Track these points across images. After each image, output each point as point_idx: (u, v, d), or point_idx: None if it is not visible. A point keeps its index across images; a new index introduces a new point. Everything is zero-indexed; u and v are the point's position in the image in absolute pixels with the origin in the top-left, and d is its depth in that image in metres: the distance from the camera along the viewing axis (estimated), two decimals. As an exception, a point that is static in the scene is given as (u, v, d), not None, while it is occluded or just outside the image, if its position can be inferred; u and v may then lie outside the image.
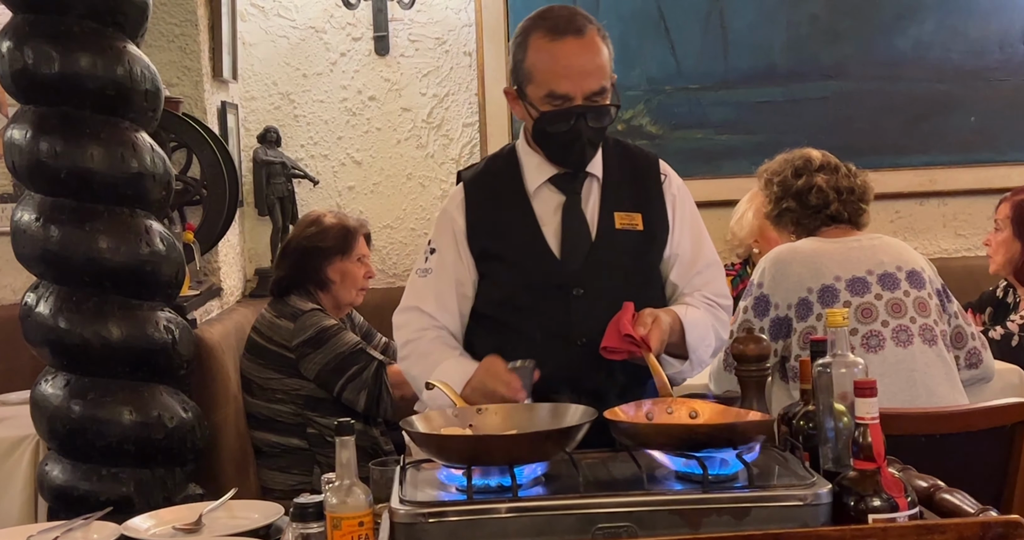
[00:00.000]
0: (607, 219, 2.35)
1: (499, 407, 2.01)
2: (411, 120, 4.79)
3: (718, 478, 1.75)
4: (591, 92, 2.24)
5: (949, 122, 4.84)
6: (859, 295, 2.90)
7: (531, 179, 2.38)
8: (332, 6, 4.67)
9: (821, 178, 3.06)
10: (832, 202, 3.04)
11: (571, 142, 2.28)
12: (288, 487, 3.51)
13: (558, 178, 2.37)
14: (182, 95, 3.91)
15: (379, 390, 3.46)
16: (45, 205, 2.88)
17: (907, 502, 1.67)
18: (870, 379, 1.72)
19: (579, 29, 2.25)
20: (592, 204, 2.37)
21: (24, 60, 2.83)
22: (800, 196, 3.06)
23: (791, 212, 3.08)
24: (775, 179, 3.11)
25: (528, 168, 2.39)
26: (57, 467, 2.95)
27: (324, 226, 3.68)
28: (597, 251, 2.33)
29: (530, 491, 1.76)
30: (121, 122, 2.91)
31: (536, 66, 2.25)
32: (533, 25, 2.29)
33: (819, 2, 4.80)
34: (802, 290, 2.92)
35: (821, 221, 3.06)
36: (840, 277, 2.92)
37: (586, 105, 2.24)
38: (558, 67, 2.23)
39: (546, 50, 2.24)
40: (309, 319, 3.52)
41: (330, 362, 3.47)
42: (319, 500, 1.76)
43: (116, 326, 2.87)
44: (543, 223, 2.35)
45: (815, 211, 3.05)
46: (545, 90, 2.24)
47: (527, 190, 2.37)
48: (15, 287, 4.19)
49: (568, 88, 2.23)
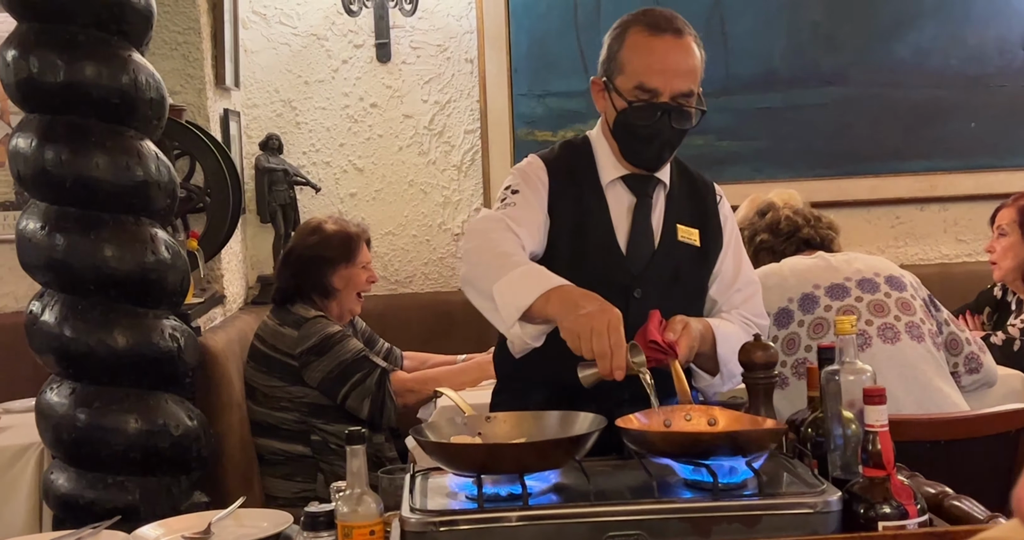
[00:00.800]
0: (670, 229, 2.35)
1: (508, 415, 2.02)
2: (413, 127, 4.80)
3: (727, 486, 1.76)
4: (679, 92, 2.25)
5: (949, 128, 4.85)
6: (839, 299, 2.92)
7: (605, 172, 2.36)
8: (334, 13, 4.68)
9: (787, 211, 3.20)
10: (803, 227, 3.15)
11: (651, 138, 2.28)
12: (292, 495, 3.52)
13: (631, 178, 2.36)
14: (185, 103, 3.92)
15: (382, 398, 3.46)
16: (50, 213, 2.88)
17: (917, 509, 1.67)
18: (879, 387, 1.72)
19: (678, 30, 2.28)
20: (658, 211, 2.37)
21: (29, 69, 2.84)
22: (771, 228, 3.18)
23: (765, 244, 3.17)
24: (743, 226, 3.14)
25: (602, 161, 2.37)
26: (62, 475, 2.95)
27: (326, 234, 3.68)
28: (659, 258, 2.33)
29: (540, 499, 1.76)
30: (126, 130, 2.91)
31: (630, 58, 2.27)
32: (634, 19, 2.32)
33: (819, 9, 4.81)
34: (782, 300, 2.94)
35: (796, 246, 3.14)
36: (819, 285, 2.95)
37: (672, 103, 2.25)
38: (653, 61, 2.24)
39: (643, 43, 2.26)
40: (313, 326, 3.52)
41: (333, 370, 3.47)
42: (330, 509, 1.76)
43: (122, 334, 2.87)
44: (614, 221, 2.34)
45: (788, 236, 3.15)
46: (635, 82, 2.25)
47: (601, 184, 2.36)
48: (17, 295, 4.20)
49: (658, 83, 2.24)
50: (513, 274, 2.05)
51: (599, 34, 2.42)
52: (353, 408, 3.49)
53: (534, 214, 2.28)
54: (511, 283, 2.04)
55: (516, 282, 2.04)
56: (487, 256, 2.14)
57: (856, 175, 4.85)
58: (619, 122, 2.30)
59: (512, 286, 2.04)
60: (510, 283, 2.04)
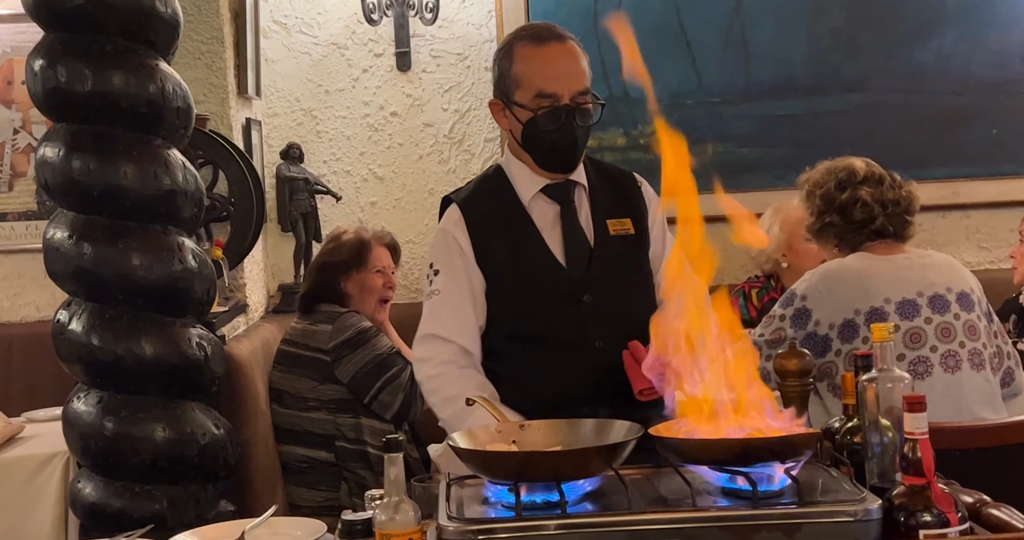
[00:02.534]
0: (601, 226, 2.44)
1: (542, 423, 2.01)
2: (433, 135, 4.80)
3: (766, 494, 1.74)
4: (577, 92, 2.36)
5: (971, 134, 4.83)
6: (908, 318, 2.77)
7: (524, 191, 2.45)
8: (354, 22, 4.69)
9: (866, 191, 2.90)
10: (877, 217, 2.89)
11: (562, 140, 2.37)
12: (316, 504, 3.52)
13: (550, 188, 2.44)
14: (208, 112, 3.93)
15: (414, 394, 3.48)
16: (78, 223, 2.89)
17: (958, 517, 1.66)
18: (919, 394, 1.71)
19: (560, 36, 2.40)
20: (584, 212, 2.45)
21: (57, 78, 2.85)
22: (844, 210, 2.90)
23: (834, 227, 2.93)
24: (817, 191, 2.95)
25: (519, 181, 2.46)
26: (90, 484, 2.95)
27: (340, 242, 3.75)
28: (598, 257, 2.41)
29: (578, 508, 1.75)
30: (153, 139, 2.92)
31: (524, 70, 2.38)
32: (515, 37, 2.44)
33: (840, 15, 4.80)
34: (848, 311, 2.79)
35: (866, 236, 2.91)
36: (890, 299, 2.79)
37: (573, 104, 2.35)
38: (546, 68, 2.36)
39: (533, 54, 2.38)
40: (348, 319, 3.56)
41: (368, 363, 3.49)
42: (367, 517, 1.76)
43: (149, 343, 2.88)
44: (544, 234, 2.42)
45: (860, 226, 2.90)
46: (534, 91, 2.36)
47: (523, 203, 2.44)
48: (39, 304, 4.22)
49: (556, 87, 2.35)
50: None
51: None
52: (384, 403, 3.50)
53: (458, 293, 2.41)
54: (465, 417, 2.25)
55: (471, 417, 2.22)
56: (436, 405, 2.41)
57: (878, 182, 4.82)
58: (527, 134, 2.40)
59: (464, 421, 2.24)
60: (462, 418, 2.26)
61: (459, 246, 2.42)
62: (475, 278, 2.41)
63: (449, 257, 2.43)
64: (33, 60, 2.90)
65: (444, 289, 2.41)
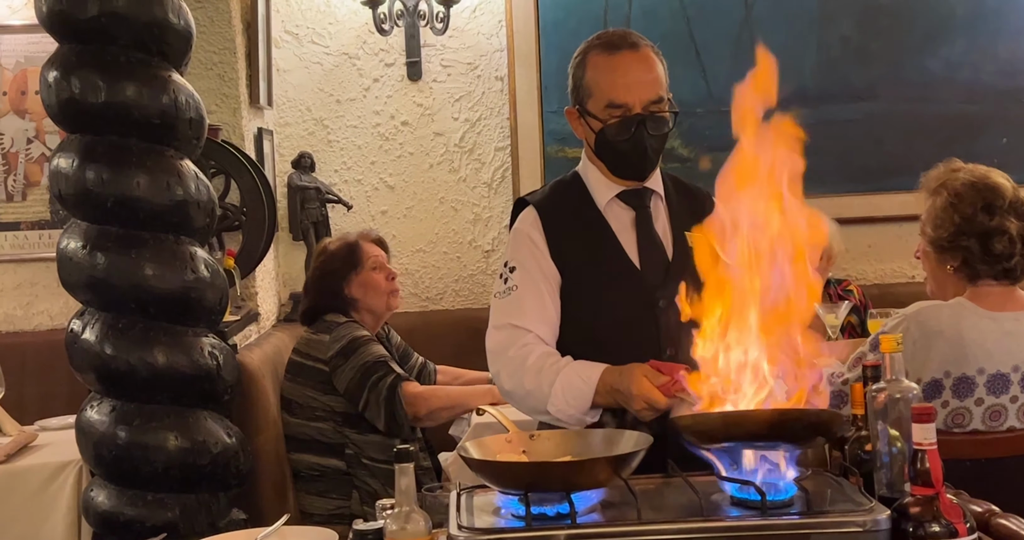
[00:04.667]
0: (679, 237, 2.41)
1: (552, 433, 2.03)
2: (443, 144, 4.82)
3: (774, 503, 1.75)
4: (649, 101, 2.34)
5: (980, 143, 4.82)
6: (994, 394, 2.56)
7: (600, 196, 2.44)
8: (365, 32, 4.71)
9: (1014, 224, 2.61)
10: (1015, 255, 2.61)
11: (633, 149, 2.36)
12: (327, 512, 3.53)
13: (626, 194, 2.43)
14: (220, 122, 3.96)
15: (393, 405, 3.46)
16: (91, 233, 2.92)
17: (966, 528, 1.66)
18: (928, 405, 1.72)
19: (634, 44, 2.37)
20: (661, 221, 2.44)
21: (71, 90, 2.87)
22: (986, 238, 2.61)
23: (967, 251, 2.63)
24: (959, 205, 2.64)
25: (595, 186, 2.45)
26: (102, 493, 2.97)
27: (329, 251, 3.76)
28: (677, 264, 2.38)
29: (587, 518, 1.76)
30: (166, 150, 2.94)
31: (596, 80, 2.36)
32: (589, 46, 2.42)
33: (850, 24, 4.81)
34: (939, 372, 2.55)
35: (992, 273, 2.63)
36: (983, 370, 2.55)
37: (645, 113, 2.33)
38: (616, 78, 2.34)
39: (604, 64, 2.36)
40: (344, 329, 3.57)
41: (357, 371, 3.49)
42: (378, 526, 1.77)
43: (162, 352, 2.90)
44: (620, 238, 2.41)
45: (994, 261, 2.62)
46: (605, 101, 2.35)
47: (599, 207, 2.43)
48: (52, 312, 4.24)
49: (627, 97, 2.33)
50: (555, 392, 2.27)
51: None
52: (372, 417, 3.50)
53: (536, 287, 2.39)
54: (559, 401, 2.28)
55: (562, 400, 2.28)
56: (520, 381, 2.33)
57: (888, 190, 4.82)
58: (600, 142, 2.39)
59: (563, 404, 2.28)
60: (558, 402, 2.28)
61: (535, 244, 2.41)
62: (551, 275, 2.40)
63: (525, 255, 2.41)
64: (47, 71, 2.93)
65: (521, 284, 2.39)
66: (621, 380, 2.20)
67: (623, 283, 2.38)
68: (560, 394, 2.27)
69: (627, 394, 2.18)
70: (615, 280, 2.38)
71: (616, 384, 2.21)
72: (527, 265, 2.40)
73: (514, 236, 2.46)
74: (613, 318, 2.36)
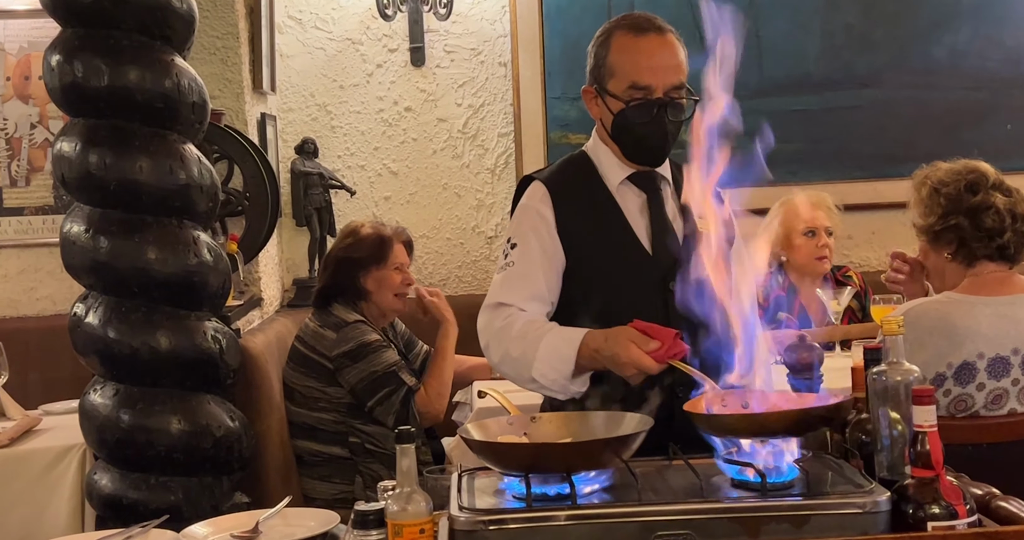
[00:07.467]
0: (689, 220, 2.39)
1: (553, 415, 2.03)
2: (447, 130, 4.82)
3: (775, 486, 1.75)
4: (671, 86, 2.33)
5: (984, 130, 4.82)
6: (995, 378, 2.58)
7: (611, 177, 2.42)
8: (368, 18, 4.71)
9: (999, 198, 2.64)
10: (1007, 230, 2.63)
11: (652, 133, 2.35)
12: (330, 496, 3.54)
13: (636, 177, 2.41)
14: (223, 107, 3.96)
15: (406, 416, 3.49)
16: (94, 216, 2.92)
17: (966, 510, 1.67)
18: (928, 387, 1.72)
19: (660, 28, 2.37)
20: (671, 205, 2.43)
21: (74, 73, 2.87)
22: (974, 214, 2.63)
23: (960, 230, 2.65)
24: (943, 190, 2.69)
25: (606, 167, 2.43)
26: (106, 476, 2.98)
27: (360, 237, 3.72)
28: (685, 250, 2.34)
29: (588, 499, 1.77)
30: (169, 134, 2.94)
31: (619, 61, 2.35)
32: (615, 26, 2.40)
33: (854, 11, 4.80)
34: (940, 365, 2.57)
35: (987, 252, 2.65)
36: (983, 355, 2.57)
37: (666, 98, 2.32)
38: (641, 59, 2.33)
39: (630, 44, 2.35)
40: (352, 332, 3.54)
41: (364, 378, 3.50)
42: (379, 507, 1.77)
43: (165, 336, 2.90)
44: (631, 221, 2.39)
45: (987, 236, 2.64)
46: (628, 82, 2.33)
47: (610, 188, 2.41)
48: (56, 298, 4.24)
49: (650, 80, 2.32)
50: (539, 356, 2.22)
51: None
52: (379, 417, 3.53)
53: (532, 264, 2.35)
54: (543, 366, 2.22)
55: (546, 364, 2.22)
56: (507, 349, 2.28)
57: (891, 177, 4.81)
58: (618, 124, 2.37)
59: (547, 367, 2.22)
60: (542, 366, 2.23)
61: (542, 218, 2.37)
62: (552, 252, 2.37)
63: (529, 231, 2.38)
64: (50, 55, 2.93)
65: (518, 261, 2.36)
66: (606, 344, 2.14)
67: (633, 265, 2.36)
68: (544, 358, 2.22)
69: (613, 359, 2.12)
70: (625, 261, 2.37)
71: (600, 348, 2.15)
72: (529, 241, 2.37)
73: (520, 211, 2.42)
74: (624, 300, 2.34)
